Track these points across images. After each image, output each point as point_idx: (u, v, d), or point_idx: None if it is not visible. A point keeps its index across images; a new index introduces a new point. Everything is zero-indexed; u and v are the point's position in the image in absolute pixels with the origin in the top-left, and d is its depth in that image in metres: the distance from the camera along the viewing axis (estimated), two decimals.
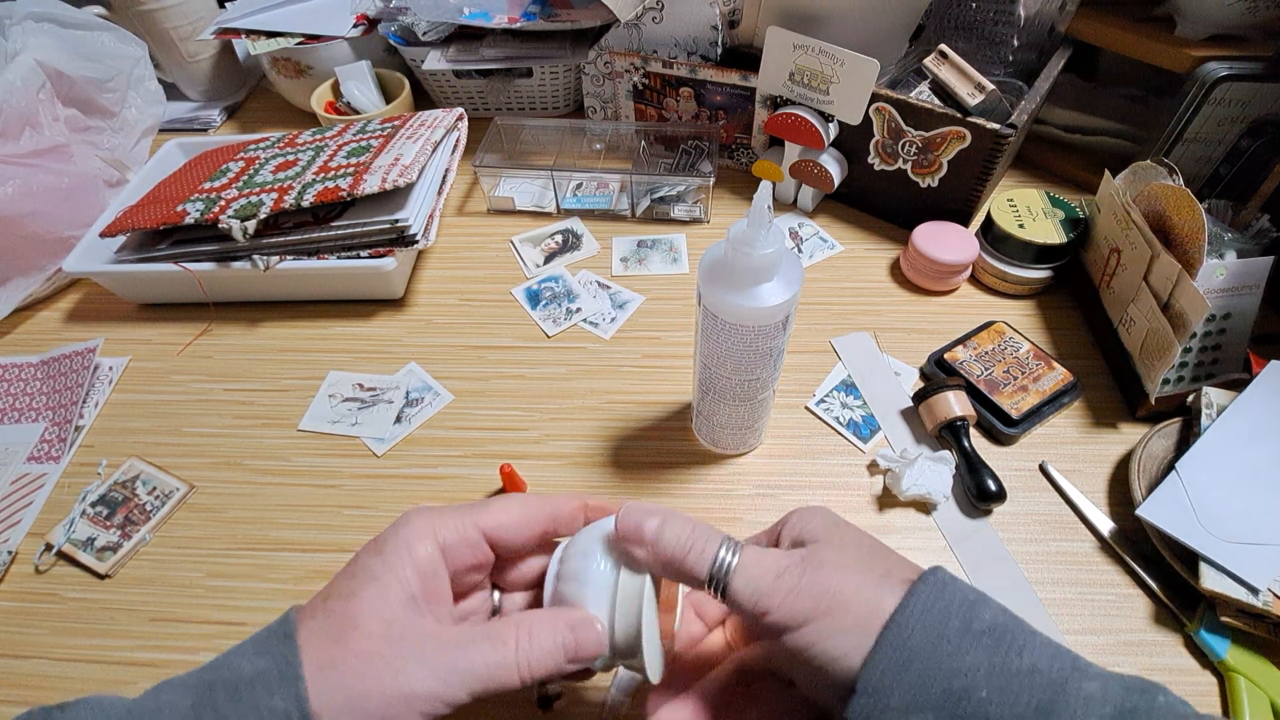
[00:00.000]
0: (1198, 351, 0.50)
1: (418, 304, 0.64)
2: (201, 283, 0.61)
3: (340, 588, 0.26)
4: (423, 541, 0.27)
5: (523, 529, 0.29)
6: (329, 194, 0.57)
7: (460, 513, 0.28)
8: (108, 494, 0.51)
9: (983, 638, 0.22)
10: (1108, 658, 0.41)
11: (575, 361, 0.58)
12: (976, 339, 0.55)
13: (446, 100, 0.85)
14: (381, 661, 0.23)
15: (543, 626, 0.26)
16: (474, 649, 0.25)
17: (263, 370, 0.59)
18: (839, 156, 0.67)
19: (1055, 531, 0.47)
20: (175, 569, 0.48)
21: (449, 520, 0.28)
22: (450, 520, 0.28)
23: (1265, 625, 0.40)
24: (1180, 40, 0.59)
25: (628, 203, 0.70)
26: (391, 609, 0.25)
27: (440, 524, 0.27)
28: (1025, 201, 0.61)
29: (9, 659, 0.44)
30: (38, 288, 0.64)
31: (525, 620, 0.26)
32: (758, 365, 0.42)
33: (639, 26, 0.68)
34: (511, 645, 0.25)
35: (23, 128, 0.61)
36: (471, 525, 0.28)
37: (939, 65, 0.61)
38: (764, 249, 0.36)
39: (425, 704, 0.23)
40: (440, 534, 0.27)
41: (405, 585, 0.25)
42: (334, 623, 0.24)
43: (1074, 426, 0.52)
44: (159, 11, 0.81)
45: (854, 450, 0.52)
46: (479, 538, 0.28)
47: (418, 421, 0.55)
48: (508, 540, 0.29)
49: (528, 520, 0.29)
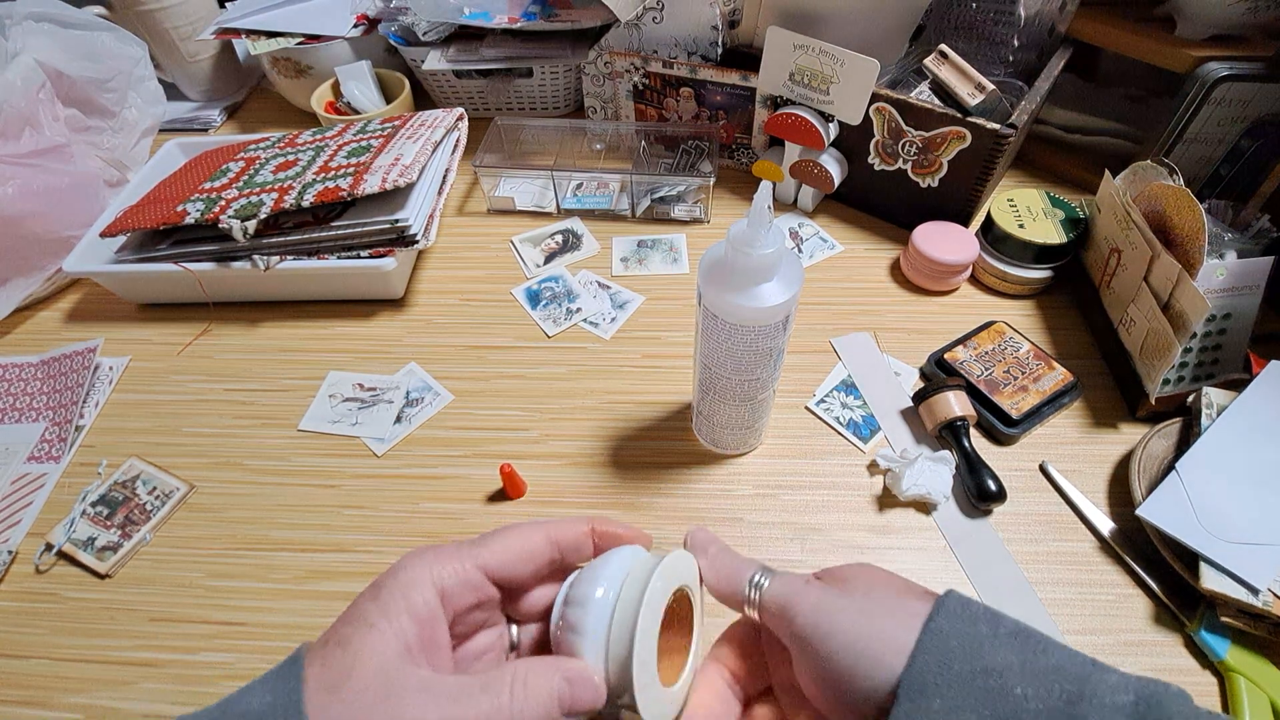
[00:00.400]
0: (1198, 351, 0.50)
1: (418, 304, 0.64)
2: (201, 283, 0.61)
3: (338, 633, 0.26)
4: (420, 588, 0.26)
5: (526, 563, 0.29)
6: (329, 194, 0.57)
7: (460, 553, 0.28)
8: (108, 494, 0.51)
9: (1010, 639, 0.23)
10: (1108, 658, 0.41)
11: (575, 361, 0.58)
12: (976, 339, 0.55)
13: (446, 100, 0.85)
14: (372, 715, 0.23)
15: (537, 678, 0.26)
16: (468, 702, 0.24)
17: (263, 370, 0.59)
18: (839, 156, 0.67)
19: (1055, 531, 0.47)
20: (175, 569, 0.48)
21: (448, 563, 0.27)
22: (449, 563, 0.27)
23: (1265, 625, 0.40)
24: (1180, 40, 0.59)
25: (628, 203, 0.70)
26: (386, 659, 0.25)
27: (439, 567, 0.27)
28: (1025, 201, 0.61)
29: (9, 659, 0.44)
30: (38, 288, 0.64)
31: (521, 671, 0.26)
32: (758, 365, 0.42)
33: (639, 26, 0.68)
34: (505, 698, 0.25)
35: (23, 128, 0.61)
36: (472, 566, 0.28)
37: (939, 65, 0.61)
38: (764, 249, 0.36)
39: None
40: (439, 578, 0.27)
41: (400, 635, 0.25)
42: (330, 672, 0.24)
43: (1074, 426, 0.52)
44: (159, 11, 0.81)
45: (854, 450, 0.52)
46: (480, 578, 0.28)
47: (418, 421, 0.55)
48: (511, 576, 0.29)
49: (530, 554, 0.29)
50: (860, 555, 0.46)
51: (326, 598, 0.46)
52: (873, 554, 0.46)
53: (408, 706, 0.24)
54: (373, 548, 0.48)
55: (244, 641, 0.44)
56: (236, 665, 0.43)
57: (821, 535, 0.47)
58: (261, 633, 0.44)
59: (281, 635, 0.44)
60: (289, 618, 0.45)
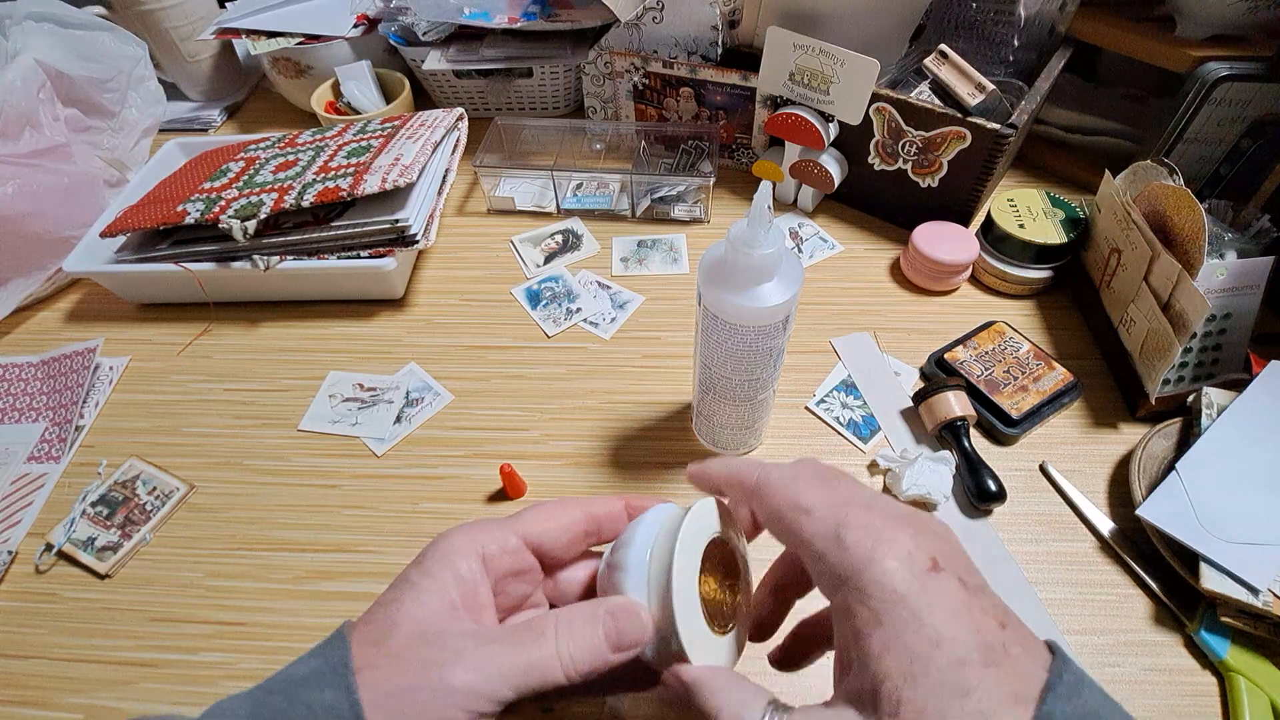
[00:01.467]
0: (1198, 351, 0.50)
1: (418, 304, 0.64)
2: (201, 283, 0.61)
3: (382, 597, 0.26)
4: (463, 554, 0.27)
5: (563, 533, 0.29)
6: (329, 194, 0.57)
7: (499, 523, 0.29)
8: (108, 494, 0.51)
9: None
10: (1108, 657, 0.41)
11: (575, 361, 0.58)
12: (976, 339, 0.55)
13: (446, 100, 0.85)
14: (419, 661, 0.24)
15: (581, 615, 0.26)
16: (513, 644, 0.25)
17: (263, 370, 0.59)
18: (839, 156, 0.67)
19: (1055, 531, 0.47)
20: (175, 569, 0.48)
21: (489, 531, 0.28)
22: (490, 531, 0.28)
23: (1265, 625, 0.40)
24: (1180, 40, 0.59)
25: (628, 203, 0.70)
26: (429, 613, 0.25)
27: (480, 535, 0.28)
28: (1025, 201, 0.61)
29: (9, 659, 0.44)
30: (38, 288, 0.64)
31: (565, 612, 0.26)
32: (758, 365, 0.42)
33: (639, 26, 0.68)
34: (551, 637, 0.25)
35: (23, 128, 0.61)
36: (511, 533, 0.28)
37: (939, 65, 0.61)
38: (764, 249, 0.36)
39: (466, 700, 0.23)
40: (480, 545, 0.27)
41: (444, 592, 0.26)
42: (374, 629, 0.25)
43: (1074, 426, 0.52)
44: (159, 11, 0.81)
45: (854, 450, 0.52)
46: (519, 544, 0.28)
47: (418, 421, 0.55)
48: (549, 545, 0.29)
49: (568, 525, 0.29)
50: None
51: (326, 598, 0.46)
52: None
53: (451, 652, 0.24)
54: (373, 548, 0.48)
55: (244, 641, 0.44)
56: (236, 665, 0.43)
57: None
58: (261, 633, 0.44)
59: (281, 635, 0.44)
60: (289, 618, 0.45)
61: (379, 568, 0.47)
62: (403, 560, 0.28)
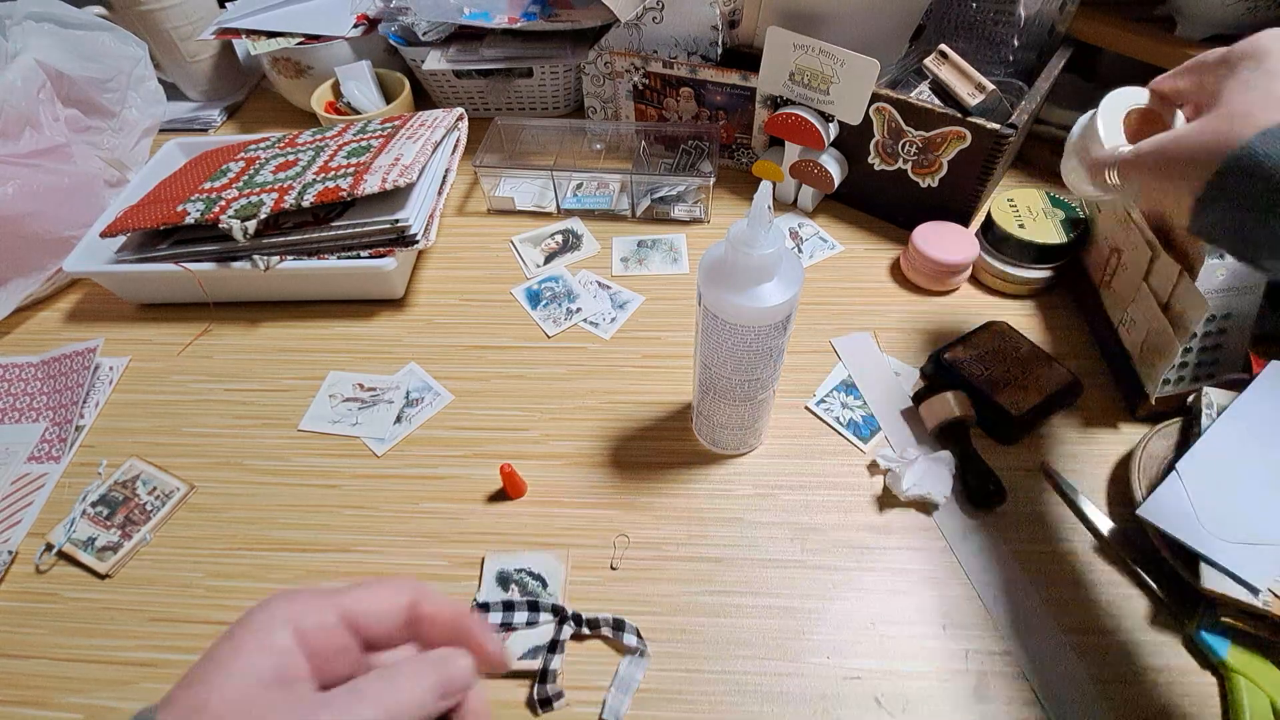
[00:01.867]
0: (1198, 351, 0.50)
1: (418, 304, 0.64)
2: (201, 283, 0.61)
3: (188, 676, 0.25)
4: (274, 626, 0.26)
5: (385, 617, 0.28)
6: (329, 194, 0.57)
7: (319, 596, 0.27)
8: (108, 494, 0.51)
9: None
10: (1108, 657, 0.41)
11: (575, 361, 0.58)
12: (976, 339, 0.55)
13: (446, 100, 0.85)
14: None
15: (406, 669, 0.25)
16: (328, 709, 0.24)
17: (263, 370, 0.59)
18: (839, 156, 0.67)
19: (1055, 531, 0.47)
20: (175, 569, 0.48)
21: (306, 603, 0.27)
22: (308, 602, 0.27)
23: (1265, 625, 0.40)
24: (1180, 40, 0.59)
25: (628, 203, 0.70)
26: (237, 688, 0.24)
27: (295, 607, 0.26)
28: (1025, 201, 0.61)
29: (9, 659, 0.44)
30: (38, 288, 0.64)
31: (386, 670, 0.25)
32: (758, 365, 0.42)
33: (639, 26, 0.68)
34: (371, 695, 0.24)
35: (23, 128, 0.61)
36: (330, 610, 0.27)
37: (939, 65, 0.61)
38: (764, 249, 0.36)
39: None
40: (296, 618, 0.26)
41: (253, 667, 0.24)
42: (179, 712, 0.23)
43: (1074, 426, 0.52)
44: (159, 11, 0.82)
45: (854, 450, 0.52)
46: (337, 622, 0.27)
47: (418, 421, 0.55)
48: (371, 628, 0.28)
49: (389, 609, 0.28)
50: (860, 555, 0.46)
51: None
52: (873, 554, 0.46)
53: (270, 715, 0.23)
54: (373, 548, 0.48)
55: None
56: None
57: (821, 535, 0.47)
58: None
59: None
60: None
61: (379, 567, 0.47)
62: (403, 560, 0.27)
